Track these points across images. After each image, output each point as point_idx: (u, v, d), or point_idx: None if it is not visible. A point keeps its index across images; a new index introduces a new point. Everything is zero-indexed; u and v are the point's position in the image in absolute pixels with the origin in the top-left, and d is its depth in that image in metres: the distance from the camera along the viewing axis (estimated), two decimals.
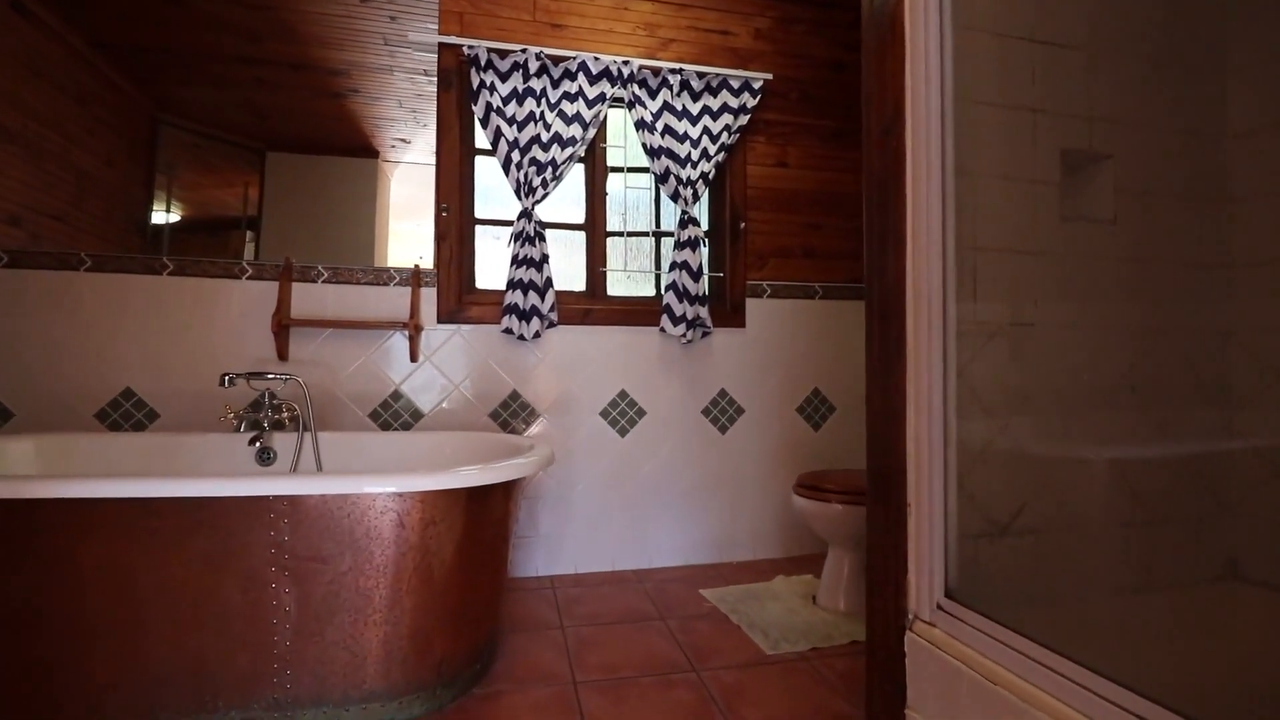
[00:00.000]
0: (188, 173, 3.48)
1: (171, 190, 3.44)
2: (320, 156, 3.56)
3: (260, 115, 3.54)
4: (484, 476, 1.45)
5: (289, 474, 1.33)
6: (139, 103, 3.35)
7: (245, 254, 2.36)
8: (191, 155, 3.51)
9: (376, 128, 3.68)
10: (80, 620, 1.29)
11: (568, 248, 2.57)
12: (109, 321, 2.08)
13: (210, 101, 3.48)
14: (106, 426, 2.06)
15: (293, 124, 3.56)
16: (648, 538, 2.45)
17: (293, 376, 1.92)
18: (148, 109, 3.38)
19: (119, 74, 3.21)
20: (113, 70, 3.18)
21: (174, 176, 3.43)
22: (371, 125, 3.66)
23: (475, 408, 2.31)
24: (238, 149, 3.47)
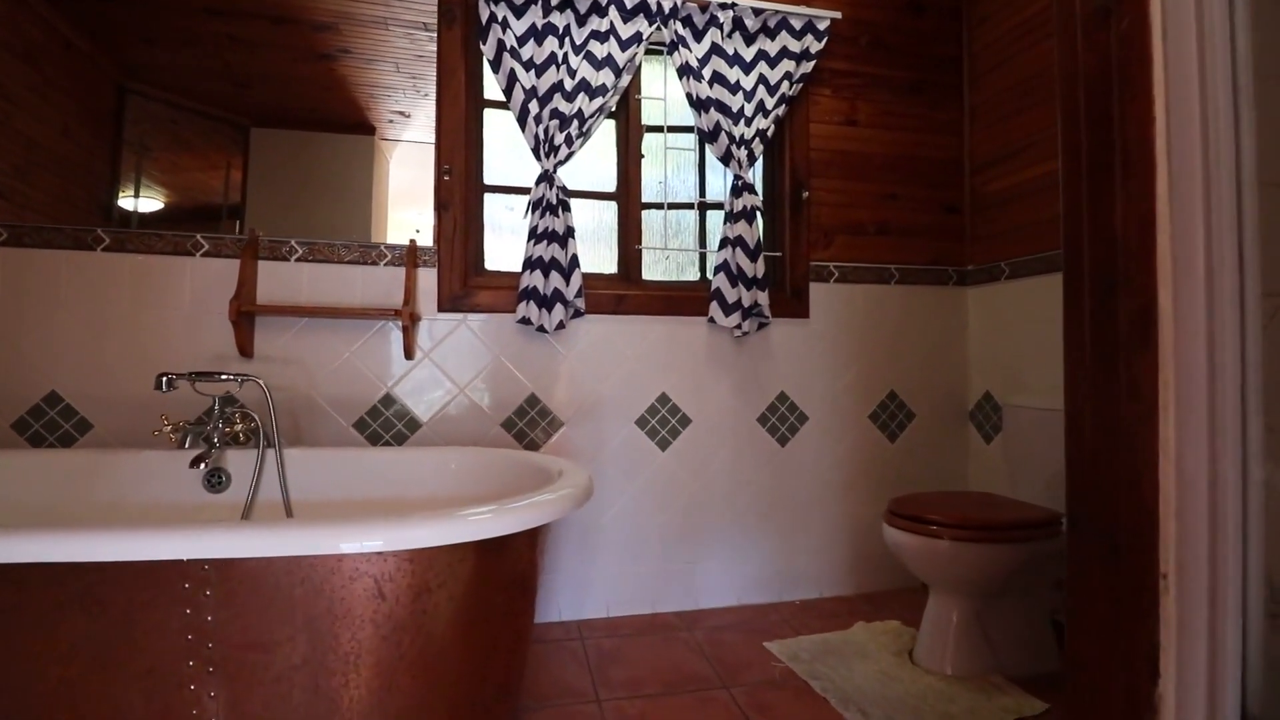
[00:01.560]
0: (164, 152, 3.04)
1: (144, 171, 3.03)
2: (311, 133, 3.12)
3: (240, 83, 3.10)
4: (501, 523, 1.02)
5: (208, 526, 0.90)
6: (99, 64, 2.92)
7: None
8: (167, 132, 3.07)
9: (372, 98, 3.24)
10: None
11: (595, 222, 2.13)
12: (30, 310, 1.66)
13: (181, 65, 3.04)
14: (27, 439, 1.65)
15: (277, 93, 3.12)
16: (694, 573, 2.02)
17: (251, 377, 1.49)
18: (111, 73, 2.95)
19: (74, 29, 2.79)
20: (68, 26, 2.77)
21: (147, 156, 3.01)
22: (366, 95, 3.22)
23: (485, 415, 1.88)
24: (218, 124, 3.05)
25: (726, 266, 1.99)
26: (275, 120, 3.06)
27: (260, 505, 1.53)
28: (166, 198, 3.11)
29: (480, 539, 1.00)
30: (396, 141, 3.43)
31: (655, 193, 2.13)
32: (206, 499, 1.51)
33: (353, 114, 3.25)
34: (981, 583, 1.61)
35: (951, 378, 2.24)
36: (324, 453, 1.60)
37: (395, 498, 1.58)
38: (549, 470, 1.35)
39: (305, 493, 1.56)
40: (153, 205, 2.99)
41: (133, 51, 2.98)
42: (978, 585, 1.62)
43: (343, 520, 0.93)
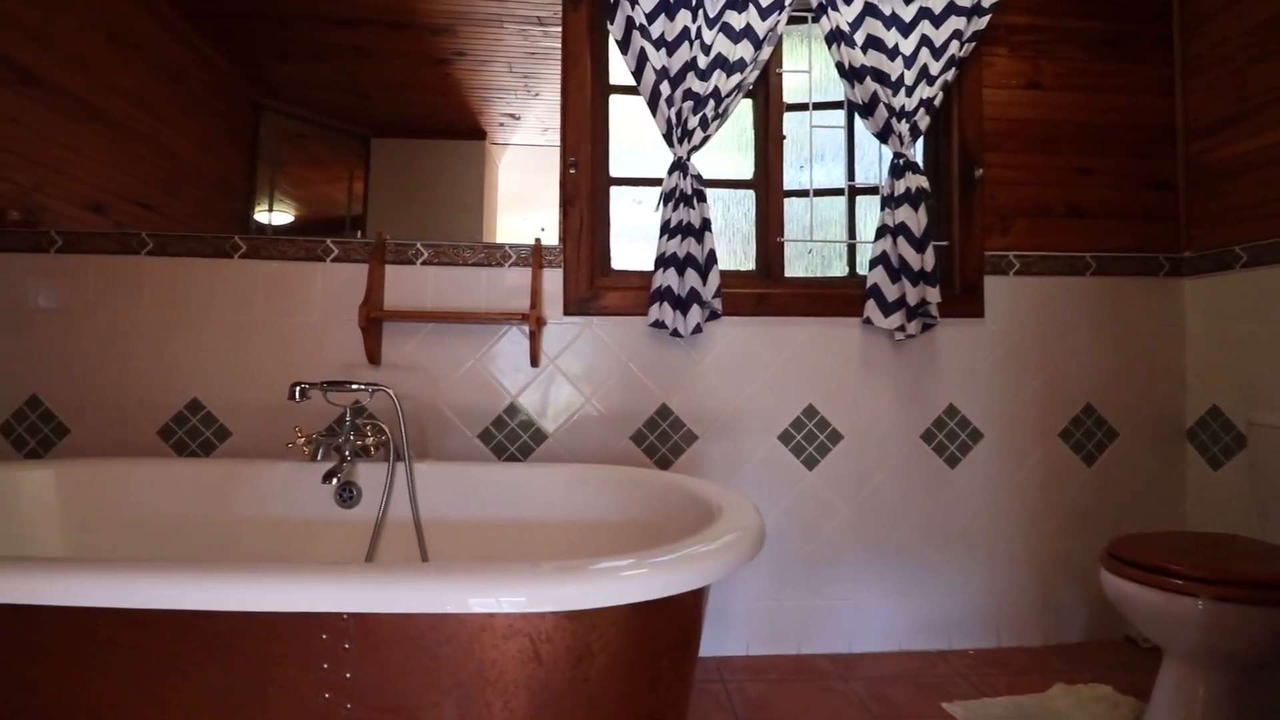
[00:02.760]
0: (294, 166, 3.16)
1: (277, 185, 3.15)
2: (425, 141, 3.14)
3: (362, 94, 3.15)
4: (675, 576, 0.83)
5: (346, 569, 0.77)
6: (238, 83, 3.05)
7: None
8: (297, 146, 3.18)
9: (484, 101, 3.20)
10: None
11: (725, 215, 1.92)
12: (174, 317, 1.68)
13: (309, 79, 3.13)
14: (172, 446, 1.66)
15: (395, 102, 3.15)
16: (847, 612, 1.76)
17: (381, 387, 1.41)
18: (248, 91, 3.07)
19: (215, 49, 2.93)
20: (208, 45, 2.90)
21: (280, 170, 3.13)
22: (479, 99, 3.18)
23: (613, 427, 1.72)
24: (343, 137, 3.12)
25: (885, 259, 1.72)
26: (393, 129, 3.08)
27: (390, 524, 1.44)
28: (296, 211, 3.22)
29: (649, 599, 0.81)
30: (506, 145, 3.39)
31: (796, 180, 1.89)
32: (337, 515, 1.44)
33: (465, 119, 3.23)
34: (1246, 654, 1.26)
35: (1164, 388, 1.85)
36: (453, 468, 1.49)
37: (531, 520, 1.45)
38: (707, 502, 1.15)
39: (434, 510, 1.46)
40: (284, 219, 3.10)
41: (267, 69, 3.09)
42: (1240, 656, 1.27)
43: (497, 570, 0.77)
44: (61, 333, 1.66)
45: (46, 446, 1.66)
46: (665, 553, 0.86)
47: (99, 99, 2.31)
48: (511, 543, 1.45)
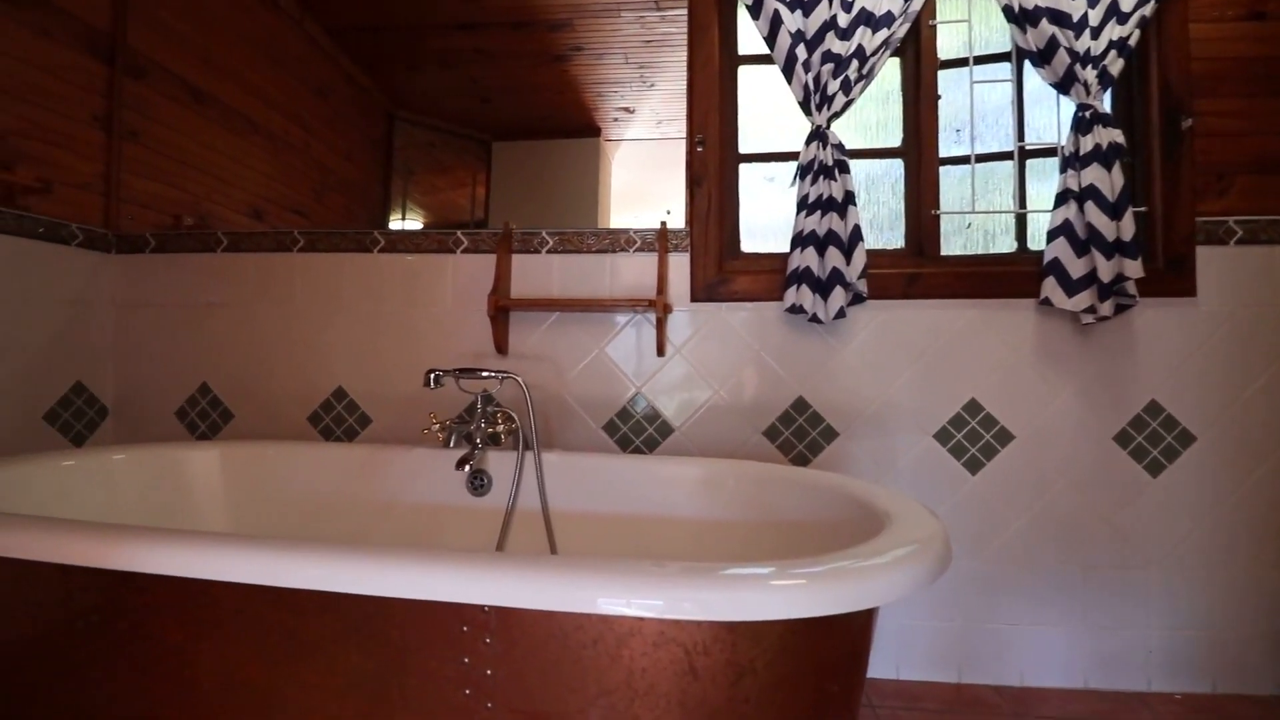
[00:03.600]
0: (424, 174, 3.32)
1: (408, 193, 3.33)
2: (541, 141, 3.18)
3: (484, 98, 3.25)
4: (848, 591, 0.70)
5: (479, 557, 0.71)
6: (375, 95, 3.25)
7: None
8: (426, 154, 3.34)
9: (599, 97, 3.19)
10: None
11: (873, 187, 1.74)
12: (320, 310, 1.76)
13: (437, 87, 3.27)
14: (320, 432, 1.74)
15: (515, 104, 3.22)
16: (1018, 639, 1.53)
17: (510, 374, 1.38)
18: (383, 103, 3.27)
19: (354, 64, 3.12)
20: (348, 60, 3.10)
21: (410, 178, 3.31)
22: (594, 94, 3.18)
23: (744, 421, 1.60)
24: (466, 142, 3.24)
25: (1068, 229, 1.47)
26: (512, 132, 3.15)
27: (520, 513, 1.41)
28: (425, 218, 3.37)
29: (822, 615, 0.69)
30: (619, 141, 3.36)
31: (954, 146, 1.67)
32: (470, 502, 1.43)
33: (581, 116, 3.23)
34: None
35: None
36: (580, 459, 1.44)
37: (660, 517, 1.36)
38: (870, 506, 1.00)
39: (561, 501, 1.41)
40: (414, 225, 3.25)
41: (400, 80, 3.26)
42: None
43: (658, 572, 0.68)
44: (227, 325, 1.80)
45: (215, 430, 1.80)
46: (834, 561, 0.73)
47: (258, 114, 2.51)
48: (641, 539, 1.37)
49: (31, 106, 1.67)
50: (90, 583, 0.82)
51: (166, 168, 2.08)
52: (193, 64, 2.18)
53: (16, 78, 1.63)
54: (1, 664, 0.87)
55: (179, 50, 2.12)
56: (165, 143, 2.08)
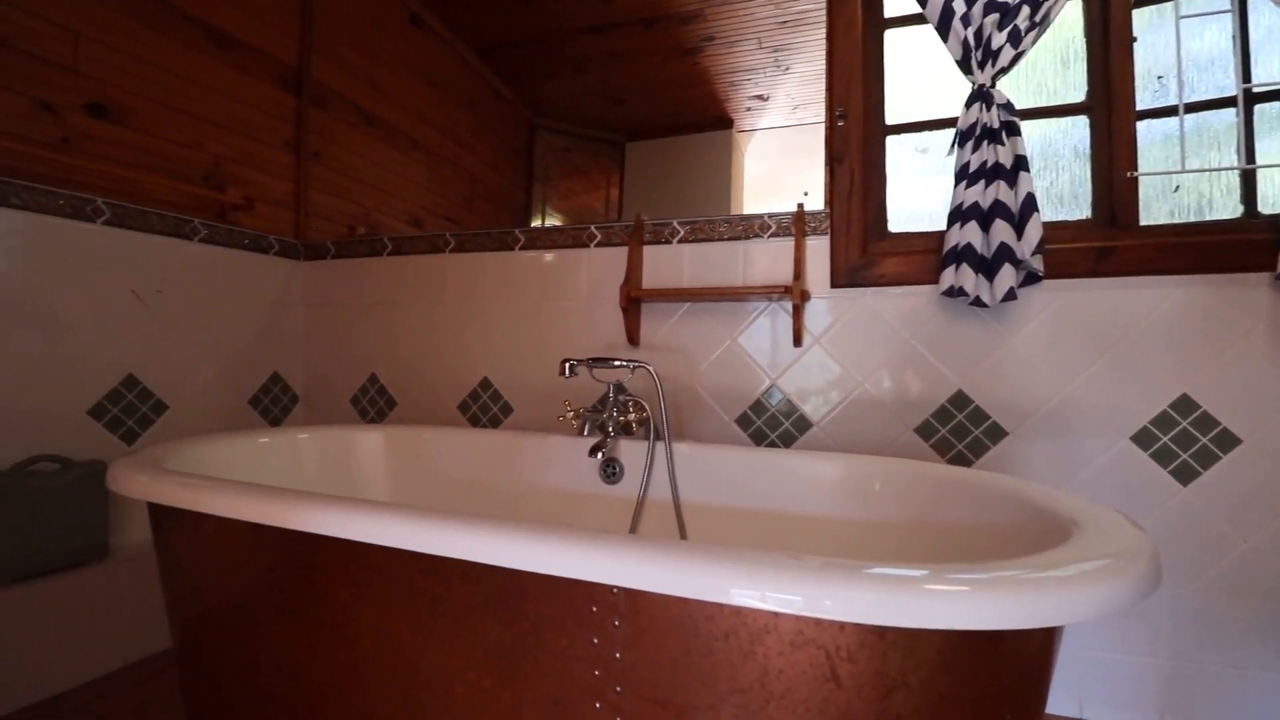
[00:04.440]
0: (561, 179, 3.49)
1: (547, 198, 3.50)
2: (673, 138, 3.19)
3: (617, 99, 3.33)
4: (1019, 603, 0.60)
5: (608, 537, 0.69)
6: (517, 106, 3.45)
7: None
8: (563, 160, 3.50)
9: (731, 87, 3.13)
10: (354, 697, 0.87)
11: (1048, 150, 1.53)
12: (468, 305, 1.88)
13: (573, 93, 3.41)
14: (468, 419, 1.86)
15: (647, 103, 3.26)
16: (1247, 685, 1.25)
17: (642, 364, 1.37)
18: (524, 113, 3.47)
19: (498, 78, 3.33)
20: (493, 75, 3.31)
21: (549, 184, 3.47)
22: (726, 85, 3.12)
23: (892, 417, 1.47)
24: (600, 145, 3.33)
25: None
26: (645, 131, 3.19)
27: (651, 503, 1.40)
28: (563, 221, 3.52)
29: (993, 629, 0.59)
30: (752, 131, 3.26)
31: (1153, 97, 1.42)
32: (602, 489, 1.44)
33: (713, 108, 3.19)
34: None
35: None
36: (713, 451, 1.39)
37: (799, 515, 1.28)
38: (1051, 513, 0.86)
39: (693, 493, 1.38)
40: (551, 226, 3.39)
41: (539, 90, 3.44)
42: None
43: (796, 566, 0.63)
44: (391, 321, 1.98)
45: (381, 415, 1.99)
46: (1006, 569, 0.63)
47: (417, 132, 2.75)
48: (776, 537, 1.30)
49: (237, 136, 1.95)
50: (275, 541, 0.91)
51: (342, 184, 2.34)
52: (364, 91, 2.43)
53: (226, 112, 1.91)
54: (208, 606, 1.01)
55: (353, 80, 2.37)
56: (342, 162, 2.34)
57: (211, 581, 1.00)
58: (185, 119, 1.79)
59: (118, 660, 1.55)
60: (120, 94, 1.64)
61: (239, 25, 1.94)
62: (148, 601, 1.58)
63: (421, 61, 2.76)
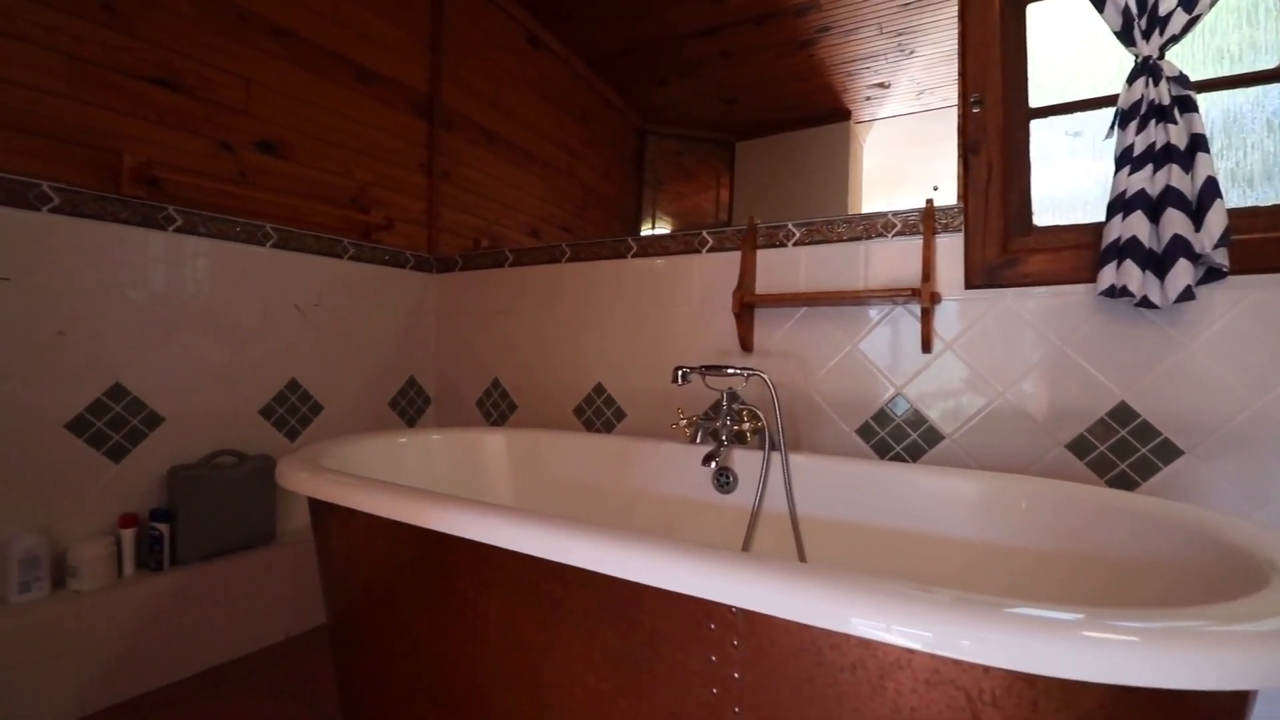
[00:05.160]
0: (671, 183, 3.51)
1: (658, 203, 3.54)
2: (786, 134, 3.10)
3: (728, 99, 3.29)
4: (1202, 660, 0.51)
5: (722, 555, 0.68)
6: (629, 116, 3.52)
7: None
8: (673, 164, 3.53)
9: (849, 77, 3.00)
10: (483, 686, 0.92)
11: (1231, 126, 1.32)
12: (582, 312, 1.93)
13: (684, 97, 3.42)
14: (582, 423, 1.92)
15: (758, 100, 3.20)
16: None
17: (756, 372, 1.34)
18: (634, 120, 3.53)
19: (609, 88, 3.41)
20: (604, 85, 3.40)
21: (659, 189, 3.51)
22: (843, 75, 2.99)
23: (1038, 431, 1.33)
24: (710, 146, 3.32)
25: None
26: (756, 130, 3.12)
27: (765, 515, 1.36)
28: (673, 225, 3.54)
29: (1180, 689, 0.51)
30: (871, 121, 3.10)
31: None
32: (715, 499, 1.43)
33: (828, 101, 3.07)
34: None
35: None
36: (832, 463, 1.33)
37: (927, 535, 1.20)
38: (1245, 551, 0.74)
39: (810, 506, 1.33)
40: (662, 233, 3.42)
41: (649, 95, 3.48)
42: None
43: (925, 599, 0.58)
44: (512, 329, 2.08)
45: (504, 418, 2.09)
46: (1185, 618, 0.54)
47: (534, 146, 2.88)
48: (901, 558, 1.22)
49: (379, 161, 2.14)
50: (413, 537, 0.98)
51: (468, 200, 2.50)
52: (485, 111, 2.58)
53: (370, 140, 2.10)
54: (356, 591, 1.11)
55: (476, 101, 2.53)
56: (467, 179, 2.49)
57: (359, 569, 1.10)
58: (336, 149, 1.99)
59: (281, 633, 1.74)
60: (284, 131, 1.85)
61: (379, 60, 2.13)
62: (307, 581, 1.77)
63: (537, 78, 2.89)
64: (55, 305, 1.40)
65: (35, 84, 1.38)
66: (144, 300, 1.54)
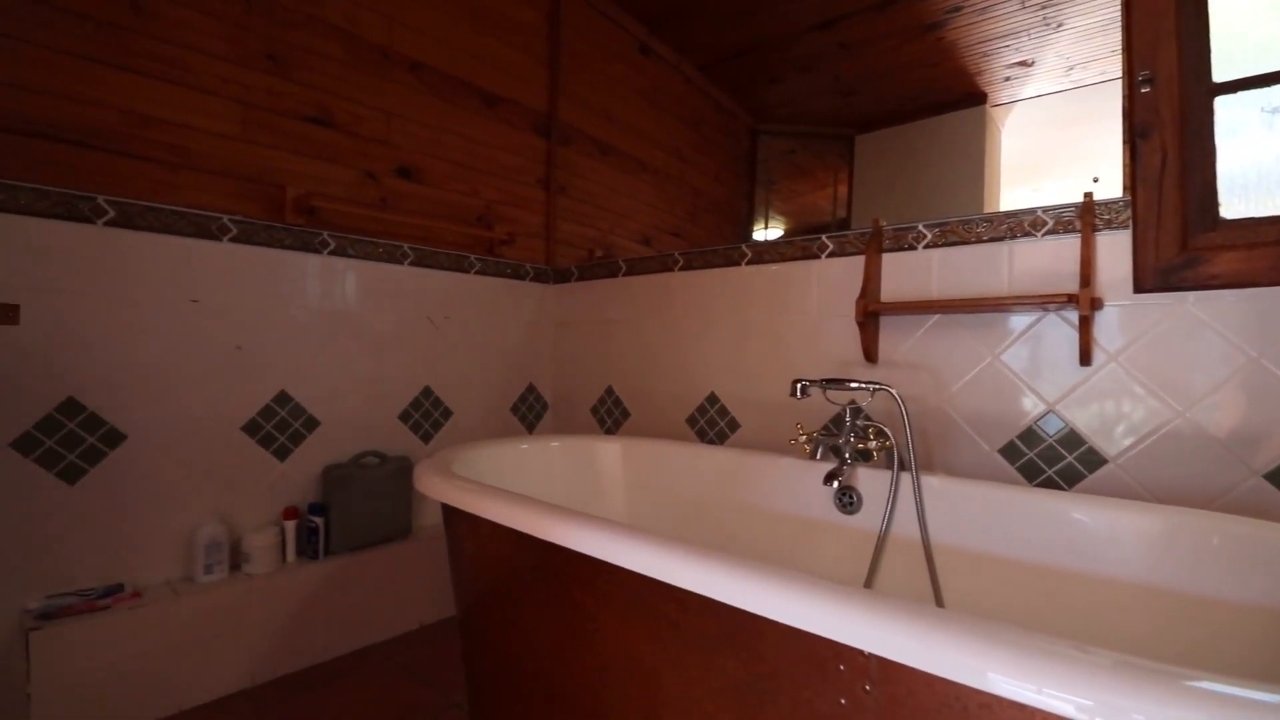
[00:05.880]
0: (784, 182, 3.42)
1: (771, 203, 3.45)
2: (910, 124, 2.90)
3: (847, 92, 3.15)
4: None
5: (863, 597, 0.63)
6: (740, 118, 3.45)
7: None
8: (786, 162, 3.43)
9: (984, 58, 2.76)
10: (600, 697, 0.92)
11: None
12: (696, 320, 1.92)
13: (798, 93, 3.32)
14: (695, 433, 1.90)
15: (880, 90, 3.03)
16: None
17: (884, 386, 1.25)
18: (746, 121, 3.46)
19: (723, 92, 3.36)
20: (717, 90, 3.35)
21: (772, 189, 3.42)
22: (977, 56, 2.76)
23: (1228, 457, 1.14)
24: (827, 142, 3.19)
25: None
26: (877, 121, 2.95)
27: (894, 540, 1.27)
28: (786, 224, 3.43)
29: None
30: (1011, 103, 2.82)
31: None
32: (837, 519, 1.36)
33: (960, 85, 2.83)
34: None
35: None
36: (971, 487, 1.22)
37: (1087, 575, 1.06)
38: None
39: (945, 535, 1.23)
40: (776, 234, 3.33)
41: (762, 94, 3.40)
42: None
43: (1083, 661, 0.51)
44: (625, 338, 2.11)
45: (617, 425, 2.13)
46: None
47: (646, 154, 2.90)
48: (1054, 603, 1.09)
49: (503, 180, 2.25)
50: (534, 547, 1.02)
51: (582, 211, 2.57)
52: (599, 123, 2.64)
53: (494, 160, 2.21)
54: (483, 591, 1.16)
55: (589, 114, 2.59)
56: (581, 191, 2.56)
57: (486, 570, 1.15)
58: (464, 171, 2.12)
59: (415, 621, 1.88)
60: (418, 157, 2.00)
61: (502, 84, 2.24)
62: (438, 575, 1.89)
63: (648, 87, 2.91)
64: (233, 322, 1.59)
65: (216, 130, 1.58)
66: (303, 316, 1.72)
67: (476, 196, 2.16)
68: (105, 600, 1.37)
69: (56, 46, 1.35)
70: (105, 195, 1.40)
